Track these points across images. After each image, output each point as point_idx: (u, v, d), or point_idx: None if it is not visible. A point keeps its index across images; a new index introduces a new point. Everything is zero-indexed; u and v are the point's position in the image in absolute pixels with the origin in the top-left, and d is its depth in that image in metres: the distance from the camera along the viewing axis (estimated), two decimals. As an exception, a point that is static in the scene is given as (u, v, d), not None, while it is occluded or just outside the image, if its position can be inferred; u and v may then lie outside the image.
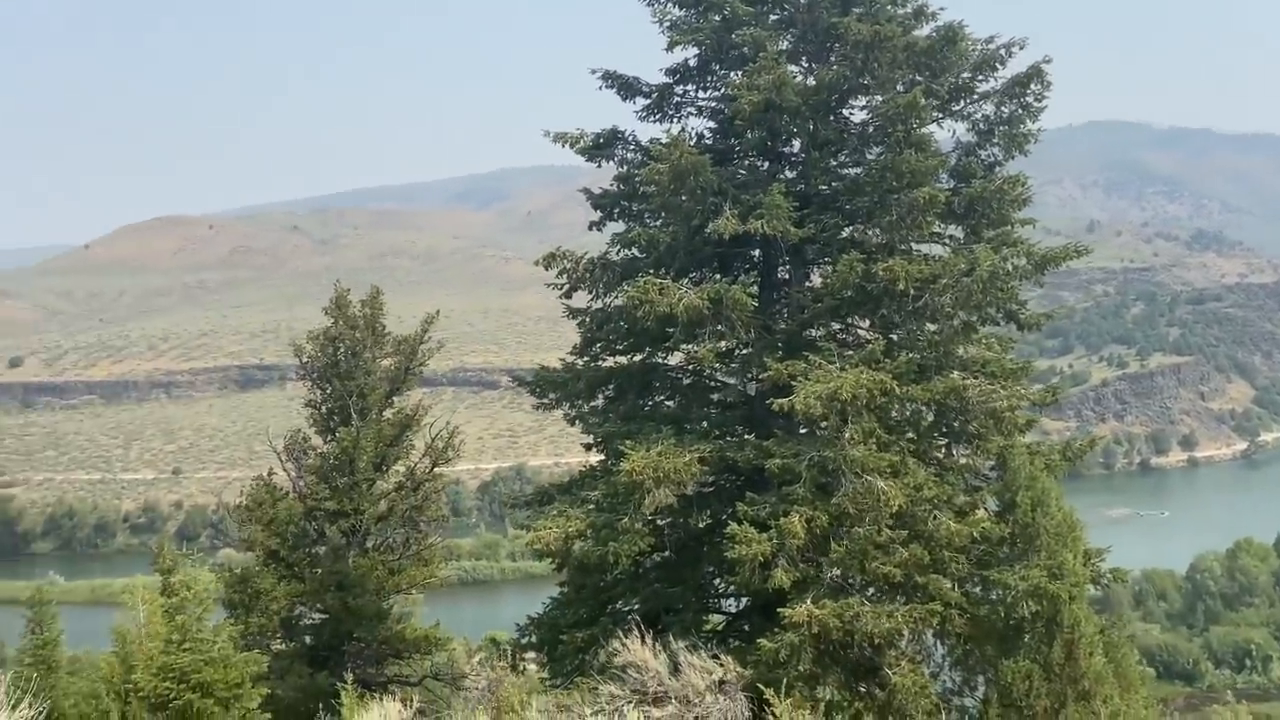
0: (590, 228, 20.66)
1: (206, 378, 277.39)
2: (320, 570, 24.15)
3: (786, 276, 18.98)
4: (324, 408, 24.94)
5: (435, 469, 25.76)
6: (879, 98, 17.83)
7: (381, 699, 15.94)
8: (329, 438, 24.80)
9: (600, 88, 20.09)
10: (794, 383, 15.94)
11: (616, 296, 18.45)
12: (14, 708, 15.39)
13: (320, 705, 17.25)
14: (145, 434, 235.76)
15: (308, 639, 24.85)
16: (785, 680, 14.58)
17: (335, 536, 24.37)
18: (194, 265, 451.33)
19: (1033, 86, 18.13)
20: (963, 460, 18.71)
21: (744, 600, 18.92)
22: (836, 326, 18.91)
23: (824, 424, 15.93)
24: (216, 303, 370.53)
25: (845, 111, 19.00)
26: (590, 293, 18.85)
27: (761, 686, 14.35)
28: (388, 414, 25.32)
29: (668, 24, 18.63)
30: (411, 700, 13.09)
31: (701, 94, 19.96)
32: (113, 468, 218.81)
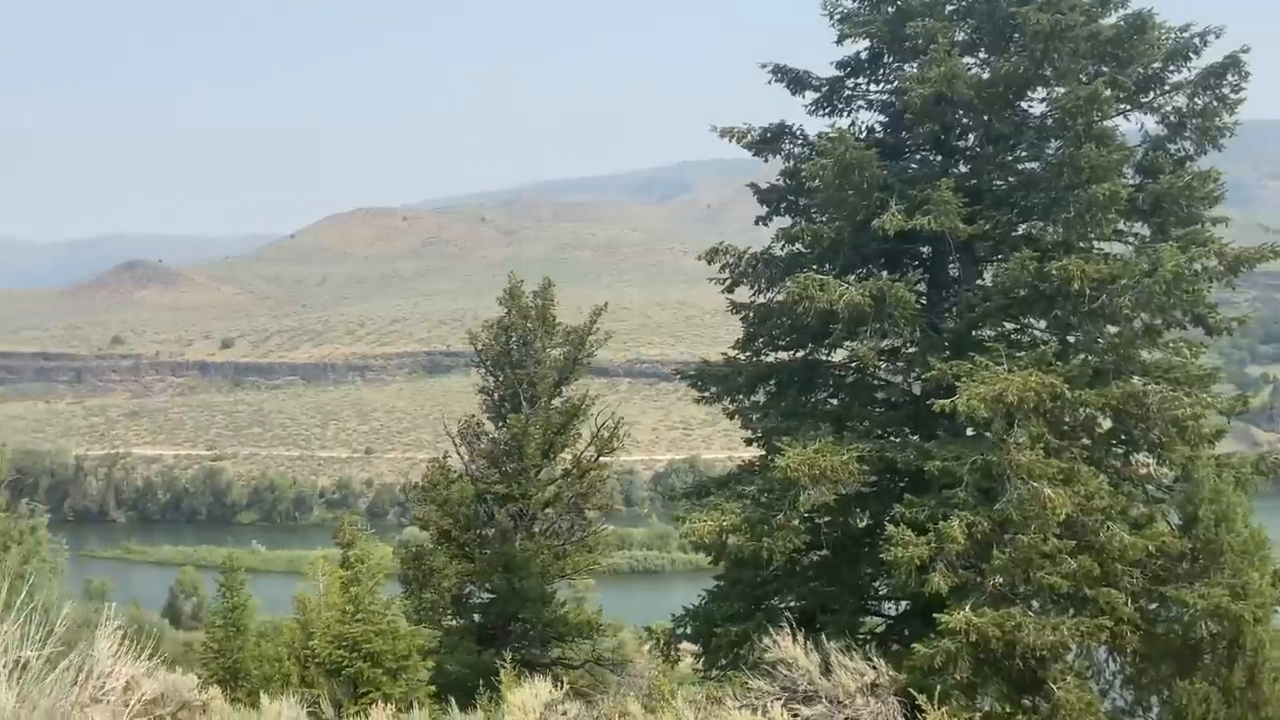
0: (757, 222, 20.61)
1: (398, 362, 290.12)
2: (489, 551, 25.05)
3: (956, 274, 18.49)
4: (496, 395, 25.83)
5: (600, 458, 26.28)
6: (1060, 90, 17.11)
7: (546, 678, 16.42)
8: (500, 424, 25.66)
9: (770, 82, 20.01)
10: (958, 383, 15.54)
11: (779, 292, 18.39)
12: (204, 665, 16.65)
13: (483, 681, 17.90)
14: (341, 414, 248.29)
15: (476, 617, 25.84)
16: (941, 688, 14.25)
17: (504, 519, 25.20)
18: (389, 254, 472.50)
19: (1229, 77, 17.06)
20: (1143, 470, 17.84)
21: (903, 604, 18.57)
22: (1011, 327, 18.32)
23: (990, 427, 15.49)
24: (409, 290, 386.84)
25: (1024, 104, 18.35)
26: (752, 288, 18.85)
27: (914, 692, 14.08)
28: (556, 403, 26.00)
29: (838, 17, 18.40)
30: (563, 681, 13.48)
31: (873, 87, 19.64)
32: (311, 445, 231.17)
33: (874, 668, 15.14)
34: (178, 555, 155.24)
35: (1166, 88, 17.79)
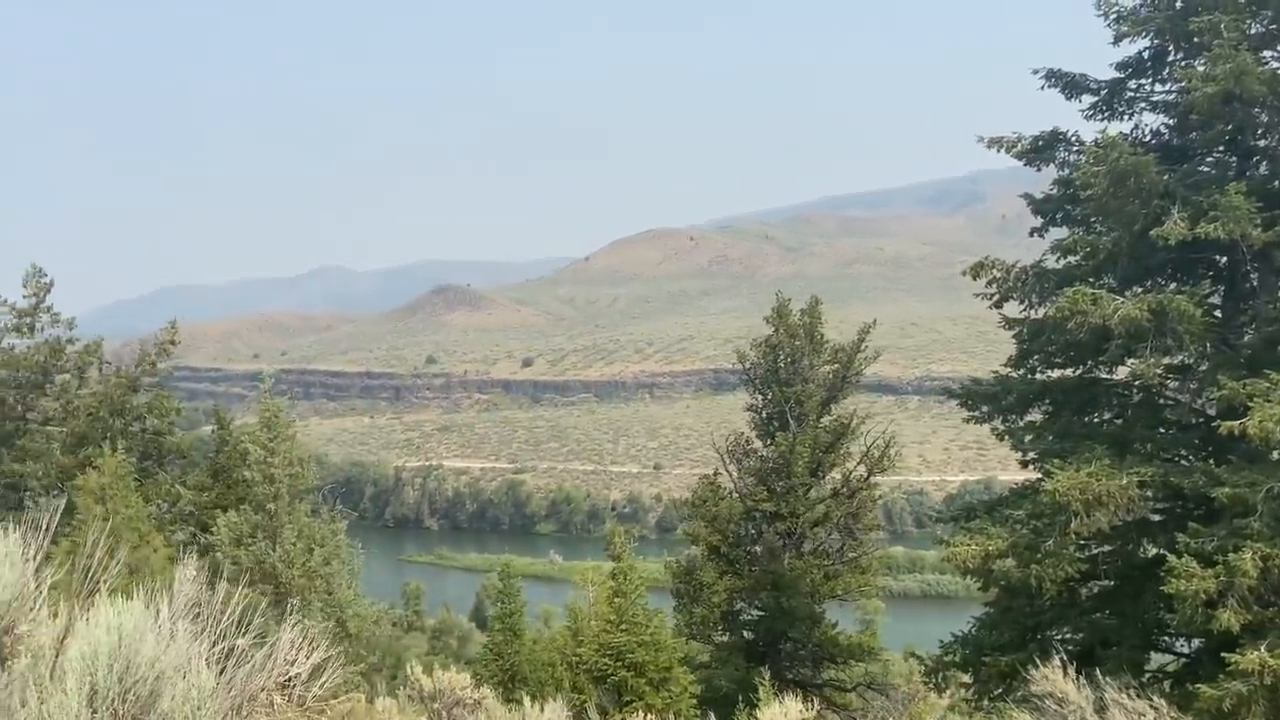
0: (1032, 234, 19.77)
1: (685, 380, 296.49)
2: (757, 569, 25.23)
3: (1255, 285, 16.95)
4: (764, 413, 26.04)
5: (871, 478, 25.91)
6: (1372, 79, 15.39)
7: (796, 698, 16.46)
8: (768, 442, 25.83)
9: (1043, 87, 19.18)
10: (1251, 404, 14.27)
11: (1050, 307, 17.54)
12: (484, 666, 17.81)
13: (743, 698, 18.12)
14: (631, 430, 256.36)
15: (746, 633, 26.08)
16: (1231, 734, 13.13)
17: (772, 537, 25.34)
18: (676, 274, 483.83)
19: None
20: None
21: (1195, 641, 17.16)
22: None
23: (1291, 451, 14.14)
24: (695, 309, 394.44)
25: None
26: (1022, 303, 18.08)
27: (1199, 737, 13.05)
28: (824, 421, 25.89)
29: (1114, 15, 17.40)
30: (814, 700, 13.45)
31: (1158, 87, 18.40)
32: (603, 460, 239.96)
33: (1154, 708, 14.16)
34: (483, 562, 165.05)
35: None
